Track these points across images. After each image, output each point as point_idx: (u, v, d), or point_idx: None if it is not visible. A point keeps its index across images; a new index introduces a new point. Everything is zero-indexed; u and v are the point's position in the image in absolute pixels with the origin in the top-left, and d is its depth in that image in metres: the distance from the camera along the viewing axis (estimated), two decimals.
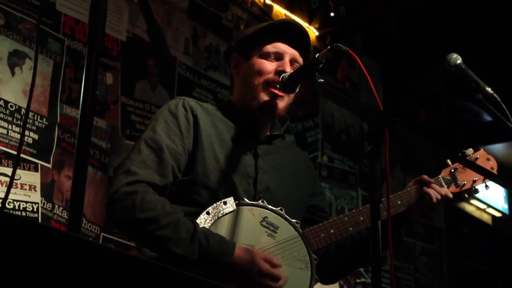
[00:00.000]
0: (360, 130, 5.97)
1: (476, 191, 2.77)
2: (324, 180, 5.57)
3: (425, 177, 2.67)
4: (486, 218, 7.86)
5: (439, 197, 2.62)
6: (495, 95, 2.46)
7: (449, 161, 2.77)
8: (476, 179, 2.76)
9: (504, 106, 2.45)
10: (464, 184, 2.75)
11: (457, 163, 2.75)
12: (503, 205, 7.95)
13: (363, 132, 2.02)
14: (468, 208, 7.61)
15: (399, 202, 2.61)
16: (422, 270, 6.55)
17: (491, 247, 7.86)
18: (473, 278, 7.46)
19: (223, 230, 2.34)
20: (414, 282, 6.41)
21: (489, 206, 7.72)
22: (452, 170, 2.75)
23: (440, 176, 2.73)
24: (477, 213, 7.72)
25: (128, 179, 2.30)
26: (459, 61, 2.52)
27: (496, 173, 2.75)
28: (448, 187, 2.71)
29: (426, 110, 6.75)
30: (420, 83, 6.60)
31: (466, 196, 2.76)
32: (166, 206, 2.30)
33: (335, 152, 5.79)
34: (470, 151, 2.79)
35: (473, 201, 7.55)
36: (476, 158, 2.79)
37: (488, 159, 2.83)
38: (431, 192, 2.61)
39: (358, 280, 5.60)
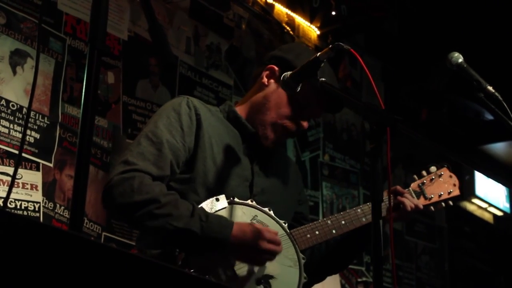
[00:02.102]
0: (361, 129, 5.95)
1: (441, 205, 2.89)
2: (326, 179, 5.57)
3: (399, 187, 2.77)
4: (487, 217, 7.85)
5: (413, 206, 2.71)
6: (496, 93, 2.46)
7: (415, 176, 2.89)
8: (442, 193, 2.87)
9: (505, 105, 2.45)
10: (432, 197, 2.86)
11: (424, 178, 2.87)
12: (504, 204, 7.94)
13: (364, 131, 2.02)
14: (470, 207, 7.59)
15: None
16: (424, 269, 6.55)
17: (493, 245, 7.86)
18: (475, 277, 7.45)
19: None
20: (416, 281, 6.41)
21: (490, 205, 7.71)
22: (420, 184, 2.87)
23: (410, 188, 2.84)
24: (478, 212, 7.71)
25: (125, 168, 2.34)
26: (460, 60, 2.52)
27: (459, 190, 2.91)
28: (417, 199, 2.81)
29: (428, 109, 6.74)
30: (421, 82, 6.59)
31: (432, 209, 2.86)
32: (163, 188, 2.35)
33: (336, 151, 5.79)
34: (433, 168, 2.91)
35: (475, 200, 7.54)
36: (440, 175, 2.90)
37: (450, 176, 2.94)
38: (406, 201, 2.71)
39: (359, 279, 5.60)
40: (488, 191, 7.58)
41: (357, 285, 5.58)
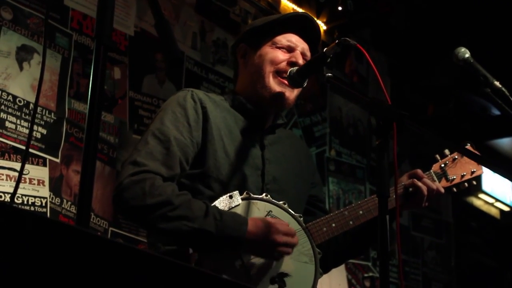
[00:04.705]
0: (368, 124, 5.95)
1: (464, 185, 2.80)
2: (332, 175, 5.57)
3: (419, 171, 2.69)
4: (494, 212, 7.84)
5: (431, 191, 2.64)
6: (503, 89, 2.46)
7: (438, 156, 2.81)
8: (465, 173, 2.80)
9: None
10: (454, 179, 2.78)
11: (446, 158, 2.80)
12: (511, 199, 7.93)
13: (371, 127, 2.01)
14: (476, 202, 7.59)
15: (393, 196, 2.62)
16: (430, 264, 6.54)
17: (499, 241, 7.85)
18: (481, 272, 7.44)
19: None
20: (422, 276, 6.40)
21: (497, 200, 7.70)
22: (442, 165, 2.79)
23: (431, 170, 2.77)
24: (485, 207, 7.70)
25: (134, 170, 2.30)
26: (467, 55, 2.51)
27: (482, 169, 2.81)
28: (439, 182, 2.74)
29: (434, 104, 6.73)
30: (428, 77, 6.58)
31: (455, 190, 2.78)
32: (175, 189, 2.31)
33: (343, 146, 5.78)
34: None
35: (481, 195, 7.53)
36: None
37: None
38: (423, 187, 2.63)
39: (366, 275, 5.60)
40: (495, 186, 7.57)
41: (363, 280, 5.58)
